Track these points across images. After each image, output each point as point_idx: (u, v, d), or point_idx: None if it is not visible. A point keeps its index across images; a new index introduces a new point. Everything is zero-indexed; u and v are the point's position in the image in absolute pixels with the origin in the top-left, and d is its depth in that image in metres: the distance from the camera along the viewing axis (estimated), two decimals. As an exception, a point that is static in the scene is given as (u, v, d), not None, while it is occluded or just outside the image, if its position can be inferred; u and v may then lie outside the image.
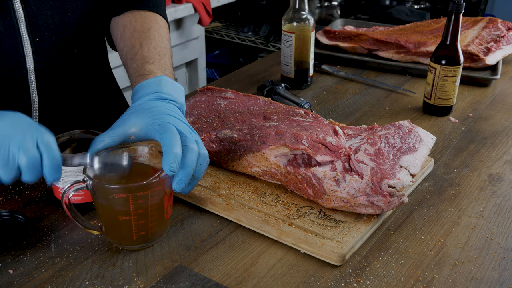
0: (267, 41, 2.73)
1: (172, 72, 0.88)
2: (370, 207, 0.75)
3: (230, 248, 0.74)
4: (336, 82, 1.34)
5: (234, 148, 0.86)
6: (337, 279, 0.69)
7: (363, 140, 0.84)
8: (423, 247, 0.74)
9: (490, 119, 1.13)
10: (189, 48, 2.24)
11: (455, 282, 0.68)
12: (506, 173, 0.92)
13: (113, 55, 1.14)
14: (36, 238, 0.76)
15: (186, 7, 2.05)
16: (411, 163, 0.83)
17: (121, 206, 0.69)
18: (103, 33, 1.04)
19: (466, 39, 1.41)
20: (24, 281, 0.68)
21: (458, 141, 1.04)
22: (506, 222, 0.80)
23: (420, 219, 0.80)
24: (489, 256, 0.73)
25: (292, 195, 0.82)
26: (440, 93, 1.13)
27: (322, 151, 0.80)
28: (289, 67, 1.28)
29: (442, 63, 1.10)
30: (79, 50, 0.97)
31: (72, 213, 0.71)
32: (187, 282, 0.68)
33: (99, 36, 1.04)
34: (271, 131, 0.84)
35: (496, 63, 1.35)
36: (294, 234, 0.73)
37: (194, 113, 0.97)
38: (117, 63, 1.12)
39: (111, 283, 0.68)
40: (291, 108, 0.95)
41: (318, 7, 2.65)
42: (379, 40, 1.44)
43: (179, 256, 0.72)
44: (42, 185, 0.88)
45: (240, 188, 0.84)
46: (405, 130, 0.88)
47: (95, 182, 0.69)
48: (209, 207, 0.81)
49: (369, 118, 1.14)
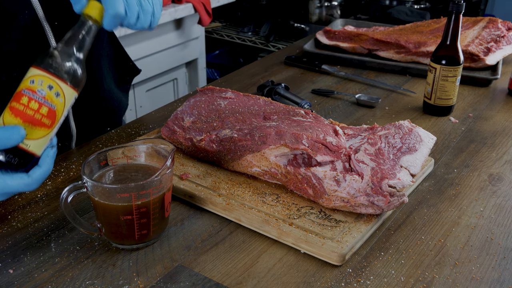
0: (267, 41, 2.73)
1: None
2: (370, 207, 0.75)
3: (230, 248, 0.74)
4: (336, 82, 1.34)
5: (234, 148, 0.86)
6: (337, 279, 0.69)
7: (363, 140, 0.84)
8: (423, 247, 0.74)
9: (490, 119, 1.13)
10: (189, 48, 2.24)
11: (455, 282, 0.68)
12: (506, 173, 0.92)
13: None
14: (36, 238, 0.76)
15: (186, 7, 2.05)
16: (411, 163, 0.83)
17: (123, 205, 0.69)
18: None
19: (466, 39, 1.41)
20: (24, 281, 0.68)
21: (458, 141, 1.04)
22: (506, 222, 0.80)
23: (420, 219, 0.80)
24: (489, 256, 0.73)
25: (292, 195, 0.82)
26: (440, 93, 1.13)
27: (322, 151, 0.80)
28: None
29: (442, 63, 1.10)
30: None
31: (70, 216, 0.71)
32: (187, 282, 0.68)
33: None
34: (271, 131, 0.84)
35: (496, 63, 1.35)
36: (294, 234, 0.73)
37: (194, 113, 0.97)
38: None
39: (111, 283, 0.68)
40: (291, 108, 0.95)
41: (318, 7, 2.65)
42: (379, 40, 1.45)
43: (179, 256, 0.72)
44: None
45: (240, 188, 0.84)
46: (405, 130, 0.88)
47: (95, 183, 0.69)
48: (209, 207, 0.81)
49: (369, 118, 1.14)
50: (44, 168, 0.71)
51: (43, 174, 0.71)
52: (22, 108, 0.69)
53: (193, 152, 0.92)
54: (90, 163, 0.73)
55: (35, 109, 0.69)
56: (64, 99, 0.72)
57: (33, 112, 0.69)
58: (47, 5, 0.92)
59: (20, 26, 0.89)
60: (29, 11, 0.89)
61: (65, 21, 0.93)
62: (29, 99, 0.69)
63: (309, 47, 1.51)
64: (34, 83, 0.70)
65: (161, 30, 2.04)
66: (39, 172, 0.71)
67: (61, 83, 0.71)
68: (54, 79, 0.70)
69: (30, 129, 0.69)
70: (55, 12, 0.93)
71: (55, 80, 0.70)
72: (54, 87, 0.70)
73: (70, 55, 0.73)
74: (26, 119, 0.69)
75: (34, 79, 0.70)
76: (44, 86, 0.70)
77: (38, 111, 0.69)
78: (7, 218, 0.80)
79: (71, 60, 0.72)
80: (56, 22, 0.93)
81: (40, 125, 0.70)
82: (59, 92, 0.71)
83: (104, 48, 1.09)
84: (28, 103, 0.69)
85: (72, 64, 0.72)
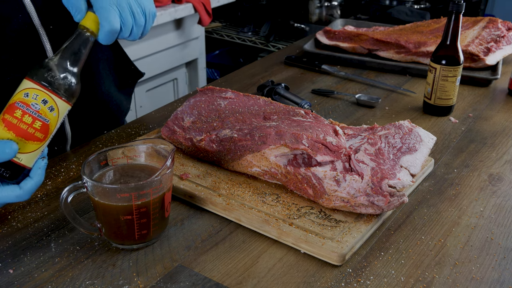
0: (267, 41, 2.73)
1: None
2: (370, 207, 0.75)
3: (230, 248, 0.74)
4: (336, 82, 1.34)
5: (234, 148, 0.86)
6: (337, 279, 0.69)
7: (363, 140, 0.84)
8: (423, 247, 0.74)
9: (490, 119, 1.13)
10: (189, 48, 2.24)
11: (455, 282, 0.68)
12: (506, 173, 0.92)
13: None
14: (36, 238, 0.76)
15: (186, 7, 2.05)
16: (411, 163, 0.83)
17: (123, 205, 0.69)
18: None
19: (466, 39, 1.41)
20: (24, 280, 0.68)
21: (458, 141, 1.04)
22: (506, 222, 0.80)
23: (420, 219, 0.80)
24: (489, 256, 0.73)
25: (292, 195, 0.82)
26: (440, 93, 1.13)
27: (322, 151, 0.80)
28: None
29: (442, 63, 1.10)
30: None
31: (70, 216, 0.71)
32: (187, 282, 0.68)
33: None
34: (271, 131, 0.84)
35: (496, 63, 1.35)
36: (294, 234, 0.73)
37: (194, 113, 0.97)
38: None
39: (111, 283, 0.68)
40: (291, 108, 0.95)
41: (318, 7, 2.65)
42: (379, 40, 1.45)
43: (179, 256, 0.72)
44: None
45: (240, 188, 0.84)
46: (405, 130, 0.88)
47: (95, 183, 0.69)
48: (209, 207, 0.81)
49: (369, 118, 1.14)
50: (35, 180, 0.71)
51: (34, 185, 0.72)
52: (16, 122, 0.68)
53: (193, 152, 0.92)
54: (90, 163, 0.73)
55: (29, 123, 0.69)
56: (58, 113, 0.71)
57: (26, 126, 0.69)
58: (42, 9, 0.91)
59: (14, 31, 0.88)
60: (23, 15, 0.88)
61: (61, 26, 0.93)
62: (23, 113, 0.69)
63: (309, 47, 1.51)
64: (28, 97, 0.69)
65: (161, 30, 2.04)
66: (30, 184, 0.71)
67: (55, 97, 0.70)
68: (48, 94, 0.70)
69: (22, 143, 0.69)
70: (50, 17, 0.92)
71: (49, 95, 0.70)
72: (49, 101, 0.70)
73: (65, 68, 0.72)
74: (19, 133, 0.69)
75: (28, 92, 0.69)
76: (39, 101, 0.69)
77: (31, 125, 0.69)
78: (7, 218, 0.80)
79: (66, 73, 0.72)
80: (51, 26, 0.92)
81: (33, 139, 0.70)
82: (53, 106, 0.70)
83: (103, 51, 1.08)
84: (21, 116, 0.69)
85: (67, 77, 0.72)
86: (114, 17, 0.75)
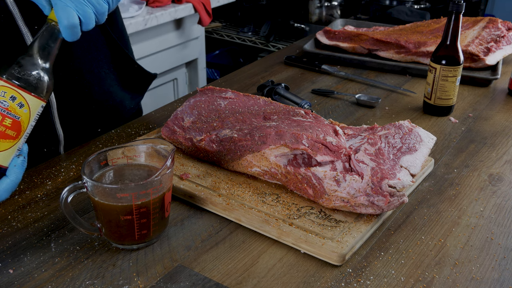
0: (267, 41, 2.73)
1: None
2: (370, 207, 0.75)
3: (230, 248, 0.74)
4: (336, 82, 1.34)
5: (234, 148, 0.86)
6: (337, 279, 0.69)
7: (363, 140, 0.84)
8: (423, 247, 0.74)
9: (490, 119, 1.13)
10: (189, 48, 2.24)
11: (455, 282, 0.68)
12: (506, 173, 0.92)
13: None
14: (36, 238, 0.76)
15: (186, 7, 2.05)
16: (411, 163, 0.83)
17: (123, 205, 0.69)
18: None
19: (466, 39, 1.41)
20: (24, 280, 0.68)
21: (458, 141, 1.04)
22: (506, 222, 0.80)
23: (420, 219, 0.80)
24: (489, 256, 0.73)
25: (292, 195, 0.82)
26: (440, 93, 1.13)
27: (322, 151, 0.80)
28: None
29: (442, 63, 1.10)
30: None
31: (70, 216, 0.71)
32: (187, 282, 0.68)
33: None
34: (271, 131, 0.84)
35: (496, 63, 1.35)
36: (294, 234, 0.73)
37: (194, 113, 0.97)
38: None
39: (111, 283, 0.68)
40: (291, 108, 0.95)
41: (318, 7, 2.65)
42: (379, 40, 1.45)
43: (179, 256, 0.72)
44: (42, 185, 0.88)
45: (240, 188, 0.84)
46: (405, 130, 0.88)
47: (95, 183, 0.69)
48: (209, 207, 0.81)
49: (369, 118, 1.14)
50: (11, 178, 0.71)
51: (11, 184, 0.71)
52: None
53: (193, 152, 0.92)
54: (90, 163, 0.73)
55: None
56: (29, 110, 0.70)
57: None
58: (25, 8, 0.89)
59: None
60: (5, 14, 0.88)
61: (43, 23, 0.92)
62: None
63: (309, 47, 1.51)
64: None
65: (161, 30, 2.04)
66: (6, 183, 0.70)
67: (24, 93, 0.70)
68: (16, 90, 0.69)
69: None
70: (33, 16, 0.91)
71: (18, 91, 0.69)
72: (17, 98, 0.69)
73: (34, 63, 0.71)
74: None
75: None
76: (7, 97, 0.69)
77: (1, 123, 0.68)
78: (7, 218, 0.80)
79: (35, 68, 0.71)
80: (36, 26, 0.91)
81: (4, 137, 0.69)
82: (23, 102, 0.70)
83: (100, 50, 1.07)
84: None
85: (35, 72, 0.71)
86: (70, 12, 0.72)
